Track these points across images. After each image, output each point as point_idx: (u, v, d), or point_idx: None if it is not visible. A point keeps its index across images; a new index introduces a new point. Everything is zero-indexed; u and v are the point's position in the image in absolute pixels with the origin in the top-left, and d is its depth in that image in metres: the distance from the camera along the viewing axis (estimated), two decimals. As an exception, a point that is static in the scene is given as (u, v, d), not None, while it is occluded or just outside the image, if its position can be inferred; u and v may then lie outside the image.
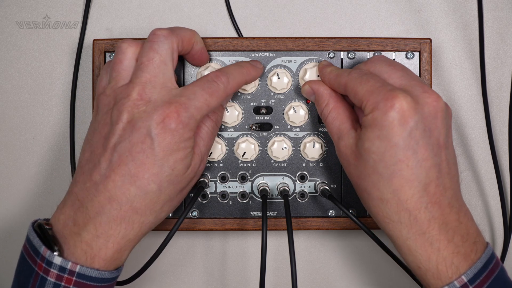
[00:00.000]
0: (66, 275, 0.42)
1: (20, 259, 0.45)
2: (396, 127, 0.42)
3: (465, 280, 0.42)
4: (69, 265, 0.42)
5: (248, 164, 0.55)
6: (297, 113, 0.54)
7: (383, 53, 0.54)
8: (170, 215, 0.54)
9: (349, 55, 0.54)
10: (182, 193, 0.48)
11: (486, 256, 0.43)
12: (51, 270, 0.42)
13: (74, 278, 0.42)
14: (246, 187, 0.55)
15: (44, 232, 0.43)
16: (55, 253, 0.42)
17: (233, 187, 0.55)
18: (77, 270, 0.42)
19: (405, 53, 0.54)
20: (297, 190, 0.55)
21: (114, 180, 0.43)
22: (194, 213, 0.55)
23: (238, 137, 0.54)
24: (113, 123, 0.44)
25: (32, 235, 0.43)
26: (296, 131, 0.54)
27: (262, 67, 0.53)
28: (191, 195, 0.54)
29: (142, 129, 0.43)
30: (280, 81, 0.54)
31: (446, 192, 0.44)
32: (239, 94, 0.54)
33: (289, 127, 0.54)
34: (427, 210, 0.43)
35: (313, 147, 0.54)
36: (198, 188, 0.51)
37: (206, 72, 0.52)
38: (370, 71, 0.47)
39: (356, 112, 0.49)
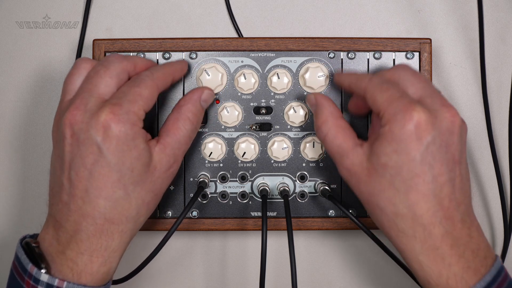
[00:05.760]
0: None
1: (10, 276, 0.45)
2: (414, 141, 0.42)
3: None
4: (56, 282, 0.42)
5: (248, 164, 0.55)
6: (297, 113, 0.54)
7: (383, 53, 0.54)
8: (170, 214, 0.54)
9: (349, 55, 0.54)
10: (157, 195, 0.47)
11: (495, 270, 0.43)
12: (38, 287, 0.42)
13: None
14: (246, 187, 0.55)
15: (32, 250, 0.44)
16: (42, 270, 0.42)
17: (233, 187, 0.55)
18: (64, 286, 0.42)
19: (405, 53, 0.54)
20: (297, 190, 0.55)
21: (81, 197, 0.43)
22: (194, 213, 0.55)
23: (238, 137, 0.54)
24: (60, 141, 0.44)
25: (20, 252, 0.44)
26: (296, 131, 0.54)
27: (185, 61, 0.52)
28: (191, 195, 0.54)
29: (86, 140, 0.42)
30: (280, 81, 0.54)
31: (459, 207, 0.43)
32: (239, 94, 0.54)
33: (289, 127, 0.54)
34: (441, 225, 0.43)
35: (313, 147, 0.54)
36: (198, 188, 0.52)
37: (210, 70, 0.53)
38: (392, 78, 0.46)
39: (354, 130, 0.48)
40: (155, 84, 0.46)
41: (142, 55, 0.53)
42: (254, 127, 0.54)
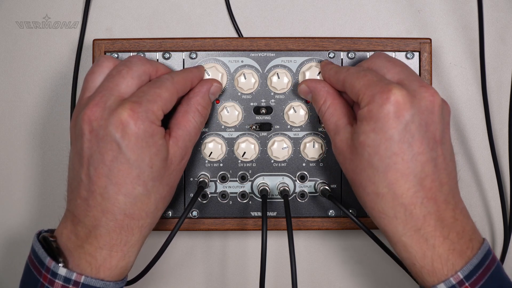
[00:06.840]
0: (71, 286, 0.42)
1: (25, 270, 0.45)
2: (392, 119, 0.42)
3: (461, 276, 0.42)
4: (74, 276, 0.42)
5: (248, 164, 0.55)
6: (297, 113, 0.54)
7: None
8: (170, 214, 0.54)
9: (349, 55, 0.54)
10: (172, 188, 0.48)
11: (482, 253, 0.43)
12: (56, 281, 0.42)
13: None
14: (246, 187, 0.55)
15: (49, 244, 0.44)
16: (60, 264, 0.42)
17: (233, 187, 0.55)
18: (81, 281, 0.42)
19: (405, 53, 0.54)
20: (297, 190, 0.55)
21: (100, 193, 0.43)
22: (194, 213, 0.55)
23: (238, 137, 0.54)
24: (78, 137, 0.44)
25: (37, 247, 0.44)
26: (296, 131, 0.54)
27: (202, 66, 0.53)
28: (191, 195, 0.54)
29: (105, 137, 0.42)
30: (280, 81, 0.54)
31: (442, 188, 0.43)
32: (239, 94, 0.54)
33: (289, 127, 0.54)
34: (422, 205, 0.43)
35: (313, 147, 0.54)
36: (198, 188, 0.51)
37: (210, 70, 0.53)
38: (369, 67, 0.48)
39: (353, 109, 0.49)
40: (174, 87, 0.47)
41: (142, 55, 0.53)
42: (254, 127, 0.54)
